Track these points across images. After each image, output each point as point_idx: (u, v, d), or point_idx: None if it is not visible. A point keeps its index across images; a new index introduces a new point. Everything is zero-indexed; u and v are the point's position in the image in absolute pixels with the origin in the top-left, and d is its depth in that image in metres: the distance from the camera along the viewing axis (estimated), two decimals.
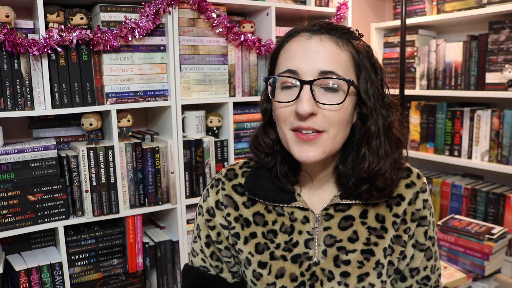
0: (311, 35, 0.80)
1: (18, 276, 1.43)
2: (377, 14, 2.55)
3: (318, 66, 0.77)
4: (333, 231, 0.87)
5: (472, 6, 2.00)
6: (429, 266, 0.91)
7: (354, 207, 0.87)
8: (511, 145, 1.88)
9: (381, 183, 0.83)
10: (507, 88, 1.86)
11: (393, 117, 0.84)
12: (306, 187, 0.91)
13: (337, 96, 0.78)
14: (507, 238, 1.81)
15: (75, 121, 1.64)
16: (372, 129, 0.82)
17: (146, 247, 1.67)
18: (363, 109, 0.83)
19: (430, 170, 2.38)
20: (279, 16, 1.89)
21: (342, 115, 0.79)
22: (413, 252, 0.90)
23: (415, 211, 0.88)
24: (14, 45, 1.34)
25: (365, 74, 0.81)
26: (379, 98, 0.83)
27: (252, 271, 0.89)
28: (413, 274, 0.90)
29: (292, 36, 0.83)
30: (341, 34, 0.81)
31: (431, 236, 0.91)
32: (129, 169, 1.59)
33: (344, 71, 0.79)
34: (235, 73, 1.79)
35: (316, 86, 0.78)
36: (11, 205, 1.40)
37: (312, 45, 0.79)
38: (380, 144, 0.82)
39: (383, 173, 0.82)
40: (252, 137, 0.94)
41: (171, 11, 1.59)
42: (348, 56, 0.80)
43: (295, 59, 0.79)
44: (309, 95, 0.77)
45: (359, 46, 0.82)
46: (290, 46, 0.82)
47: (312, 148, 0.80)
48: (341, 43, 0.80)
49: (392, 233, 0.87)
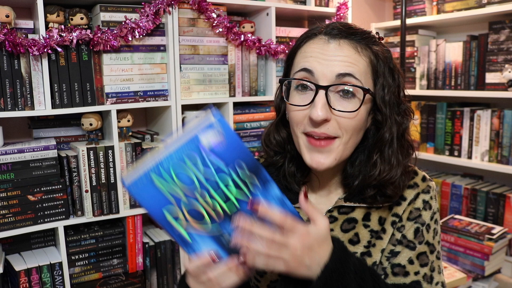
0: (330, 39, 0.79)
1: (18, 276, 1.43)
2: (377, 14, 2.55)
3: (336, 69, 0.76)
4: (335, 233, 0.86)
5: (472, 6, 2.00)
6: (422, 272, 0.84)
7: (357, 210, 0.87)
8: (511, 145, 1.88)
9: (390, 191, 0.82)
10: (507, 88, 1.86)
11: (408, 124, 0.83)
12: (313, 188, 0.91)
13: (352, 102, 0.77)
14: (507, 238, 1.81)
15: (75, 121, 1.64)
16: (386, 137, 0.80)
17: (146, 247, 1.67)
18: (377, 116, 0.82)
19: (430, 170, 2.38)
20: (279, 16, 1.89)
21: (356, 122, 0.78)
22: (398, 249, 0.85)
23: (413, 210, 0.86)
24: (14, 45, 1.34)
25: (382, 81, 0.80)
26: (395, 105, 0.81)
27: None
28: (394, 271, 0.84)
29: (310, 38, 0.82)
30: (360, 39, 0.79)
31: (428, 241, 0.85)
32: (129, 169, 1.59)
33: (362, 76, 0.77)
34: (235, 73, 1.79)
35: (332, 92, 0.77)
36: (11, 205, 1.40)
37: (330, 49, 0.78)
38: (393, 152, 0.81)
39: (393, 181, 0.81)
40: (264, 134, 0.94)
41: (171, 11, 1.59)
42: (366, 62, 0.79)
43: (312, 59, 0.78)
44: (323, 101, 0.76)
45: (378, 52, 0.80)
46: (307, 47, 0.81)
47: (324, 156, 0.79)
48: (360, 48, 0.78)
49: (390, 233, 0.86)
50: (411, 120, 0.85)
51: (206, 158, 0.67)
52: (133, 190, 0.67)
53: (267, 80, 1.88)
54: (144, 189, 0.66)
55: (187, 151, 0.67)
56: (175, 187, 0.67)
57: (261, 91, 1.87)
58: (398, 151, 0.82)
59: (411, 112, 0.85)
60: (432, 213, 0.87)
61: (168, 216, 0.68)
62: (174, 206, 0.67)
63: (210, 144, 0.67)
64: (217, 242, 0.71)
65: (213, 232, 0.70)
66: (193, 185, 0.67)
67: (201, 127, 0.67)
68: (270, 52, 1.80)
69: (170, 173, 0.67)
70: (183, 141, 0.67)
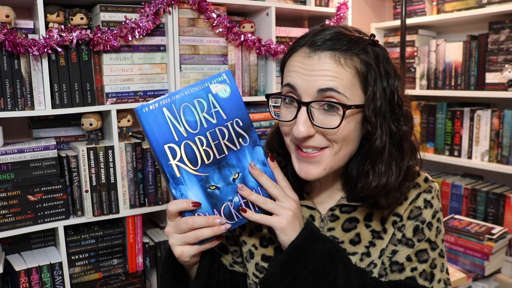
0: (311, 53, 0.76)
1: (18, 276, 1.43)
2: (377, 14, 2.55)
3: (317, 84, 0.75)
4: (336, 232, 0.87)
5: (472, 6, 2.01)
6: (420, 269, 0.84)
7: (359, 209, 0.87)
8: (511, 145, 1.88)
9: (383, 203, 0.81)
10: (507, 88, 1.86)
11: (408, 127, 0.81)
12: (316, 187, 0.91)
13: (336, 116, 0.75)
14: (507, 238, 1.81)
15: (75, 121, 1.64)
16: (377, 146, 0.78)
17: (146, 247, 1.67)
18: (367, 126, 0.79)
19: (430, 170, 2.38)
20: (279, 16, 1.89)
21: (344, 133, 0.77)
22: (398, 248, 0.86)
23: (414, 209, 0.86)
24: (14, 45, 1.34)
25: (373, 89, 0.76)
26: (388, 112, 0.78)
27: (255, 264, 0.90)
28: (392, 268, 0.85)
29: (295, 50, 0.80)
30: (346, 49, 0.75)
31: (429, 238, 0.85)
32: (129, 169, 1.59)
33: (346, 88, 0.75)
34: (235, 73, 1.79)
35: (314, 107, 0.76)
36: (11, 205, 1.40)
37: (311, 63, 0.76)
38: (385, 161, 0.79)
39: (386, 192, 0.79)
40: (268, 136, 0.96)
41: (171, 11, 1.59)
42: (351, 73, 0.75)
43: (294, 74, 0.78)
44: (305, 118, 0.75)
45: (368, 59, 0.76)
46: (291, 61, 0.80)
47: (313, 166, 0.79)
48: (343, 60, 0.75)
49: (391, 233, 0.86)
50: (413, 122, 0.83)
51: (212, 108, 0.78)
52: (144, 118, 0.74)
53: (267, 80, 1.88)
54: (154, 120, 0.74)
55: (198, 97, 0.77)
56: (180, 126, 0.76)
57: (261, 91, 1.87)
58: (393, 159, 0.80)
59: (410, 117, 0.82)
60: (434, 212, 0.87)
61: (167, 152, 0.75)
62: (175, 143, 0.76)
63: (218, 95, 0.78)
64: (203, 191, 0.78)
65: (200, 172, 0.78)
66: (196, 128, 0.77)
67: (215, 80, 0.78)
68: (270, 52, 1.80)
69: (179, 113, 0.76)
70: (196, 88, 0.77)
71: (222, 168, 0.79)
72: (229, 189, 0.79)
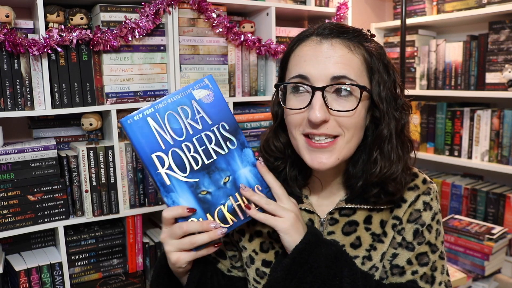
0: (322, 40, 0.78)
1: (18, 276, 1.43)
2: (377, 14, 2.55)
3: (330, 71, 0.76)
4: (336, 235, 0.86)
5: (472, 6, 2.00)
6: (421, 272, 0.84)
7: (359, 212, 0.86)
8: (511, 145, 1.88)
9: (392, 188, 0.81)
10: (507, 88, 1.86)
11: (406, 119, 0.83)
12: (315, 190, 0.90)
13: (350, 101, 0.77)
14: (507, 238, 1.81)
15: (75, 121, 1.64)
16: (384, 133, 0.80)
17: (146, 247, 1.67)
18: (375, 112, 0.81)
19: (430, 170, 2.38)
20: (279, 16, 1.89)
21: (355, 120, 0.78)
22: (399, 251, 0.86)
23: (413, 212, 0.85)
24: (14, 45, 1.34)
25: (377, 77, 0.79)
26: (392, 100, 0.81)
27: (256, 269, 0.89)
28: (393, 272, 0.85)
29: (302, 40, 0.81)
30: (352, 37, 0.79)
31: (429, 241, 0.85)
32: (129, 169, 1.59)
33: (357, 75, 0.77)
34: (235, 73, 1.79)
35: (328, 92, 0.77)
36: (11, 205, 1.40)
37: (323, 50, 0.77)
38: (392, 148, 0.81)
39: (394, 177, 0.80)
40: (262, 141, 0.93)
41: (171, 11, 1.59)
42: (360, 60, 0.78)
43: (306, 64, 0.78)
44: (321, 102, 0.75)
45: (371, 48, 0.80)
46: (300, 51, 0.80)
47: (326, 156, 0.79)
48: (352, 47, 0.78)
49: (391, 236, 0.85)
50: (410, 115, 0.84)
51: (196, 113, 0.79)
52: (130, 129, 0.75)
53: (267, 80, 1.88)
54: (140, 131, 0.75)
55: (181, 104, 0.78)
56: (166, 135, 0.76)
57: (261, 91, 1.87)
58: (398, 147, 0.81)
59: (409, 106, 0.84)
60: (433, 214, 0.86)
61: (155, 160, 0.76)
62: (162, 151, 0.76)
63: (201, 101, 0.79)
64: (194, 197, 0.78)
65: (190, 178, 0.78)
66: (182, 135, 0.77)
67: (197, 86, 0.80)
68: (270, 52, 1.80)
69: (164, 121, 0.76)
70: (179, 95, 0.78)
71: (212, 172, 0.79)
72: (220, 193, 0.79)
